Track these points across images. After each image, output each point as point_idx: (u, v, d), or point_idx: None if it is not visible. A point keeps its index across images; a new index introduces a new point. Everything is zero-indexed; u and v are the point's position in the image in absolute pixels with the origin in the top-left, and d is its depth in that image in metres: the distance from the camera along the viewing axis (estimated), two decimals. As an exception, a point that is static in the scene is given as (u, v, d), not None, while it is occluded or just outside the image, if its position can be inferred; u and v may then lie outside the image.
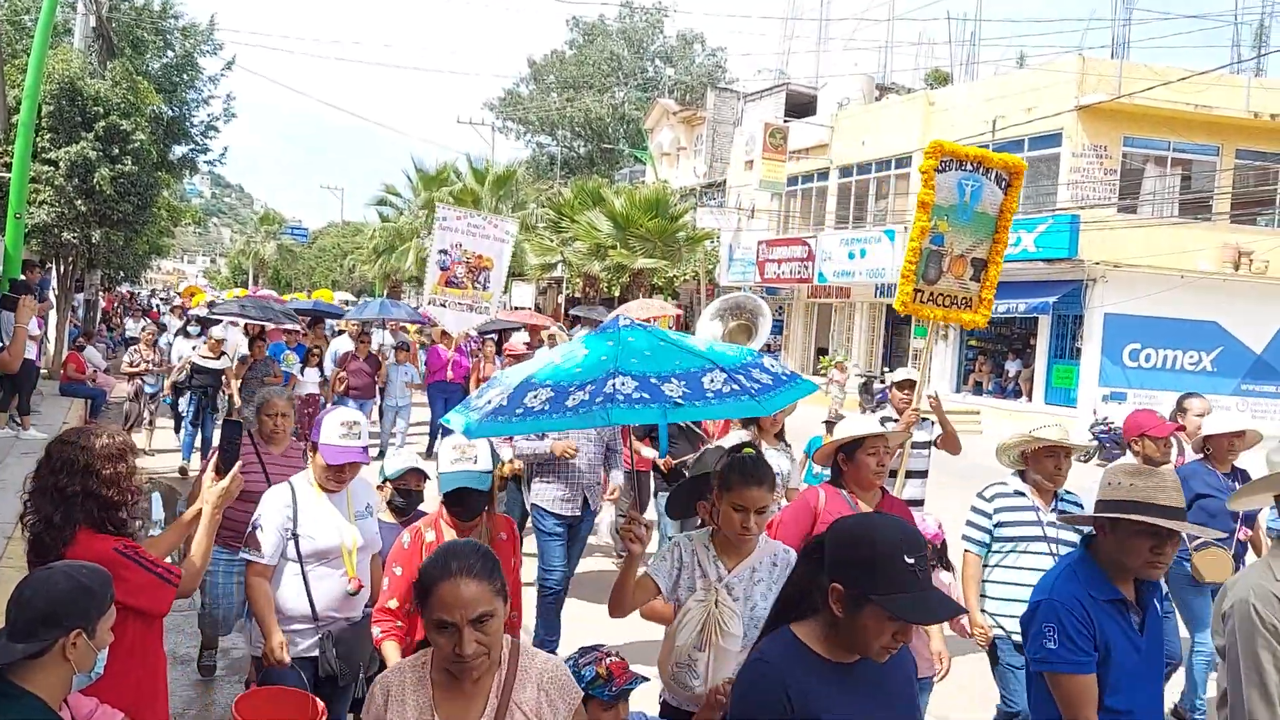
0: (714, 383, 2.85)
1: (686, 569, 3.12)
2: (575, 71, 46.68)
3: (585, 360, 2.94)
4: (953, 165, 5.89)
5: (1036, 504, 4.24)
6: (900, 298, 5.94)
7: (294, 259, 60.03)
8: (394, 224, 38.17)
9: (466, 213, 13.50)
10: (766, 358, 3.16)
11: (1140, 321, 18.09)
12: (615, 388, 2.74)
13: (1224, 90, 18.12)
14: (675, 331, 3.94)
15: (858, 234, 23.08)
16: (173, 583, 2.85)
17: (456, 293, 12.31)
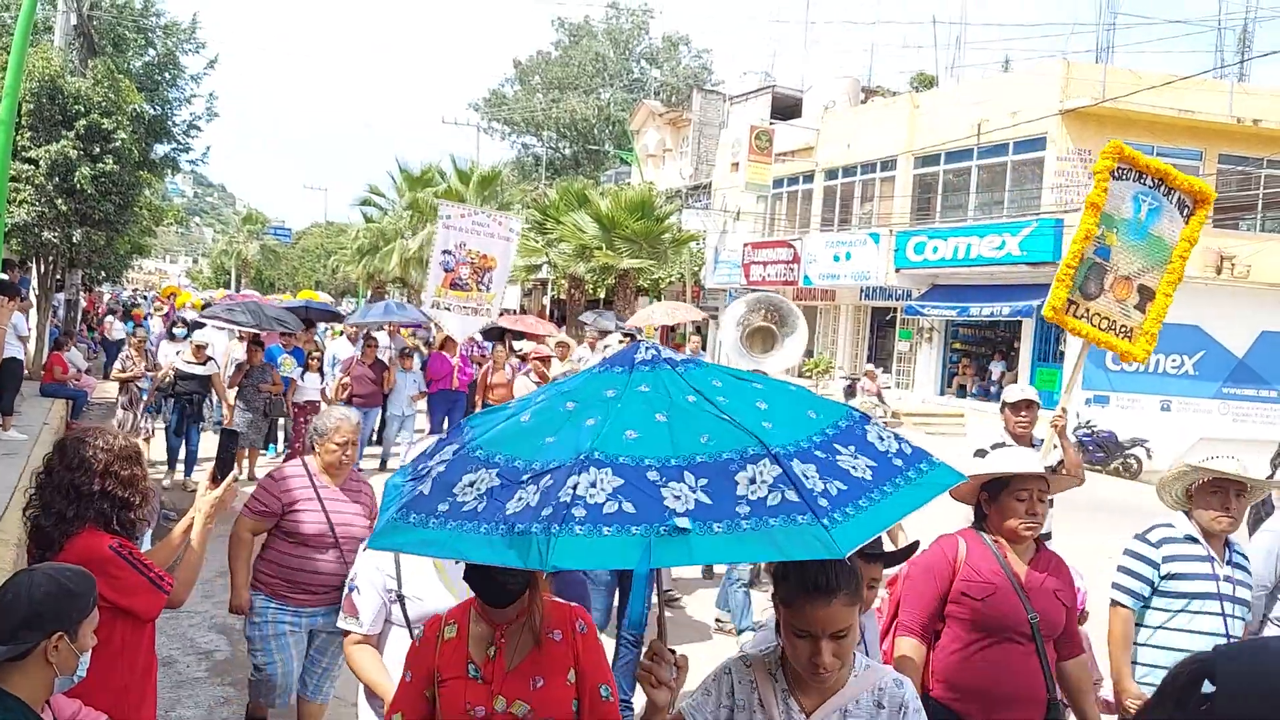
0: (757, 483, 1.72)
1: (742, 712, 2.09)
2: (561, 72, 46.66)
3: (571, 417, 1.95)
4: (1131, 174, 5.29)
5: (1211, 553, 3.48)
6: (1051, 303, 5.35)
7: (277, 259, 59.84)
8: (378, 224, 38.00)
9: (470, 210, 12.72)
10: (874, 427, 2.03)
11: (1123, 325, 18.18)
12: (576, 491, 1.71)
13: (1207, 95, 18.24)
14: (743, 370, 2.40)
15: (843, 236, 23.12)
16: (164, 589, 2.86)
17: (461, 295, 11.64)
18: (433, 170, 34.92)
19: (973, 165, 20.48)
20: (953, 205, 21.10)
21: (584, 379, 2.17)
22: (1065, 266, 5.28)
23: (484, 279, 11.69)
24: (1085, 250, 5.27)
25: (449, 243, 11.60)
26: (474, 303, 11.74)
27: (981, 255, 19.11)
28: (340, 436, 4.01)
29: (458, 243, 11.62)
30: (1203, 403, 18.52)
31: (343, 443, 4.01)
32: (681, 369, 2.02)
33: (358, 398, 11.17)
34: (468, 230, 11.65)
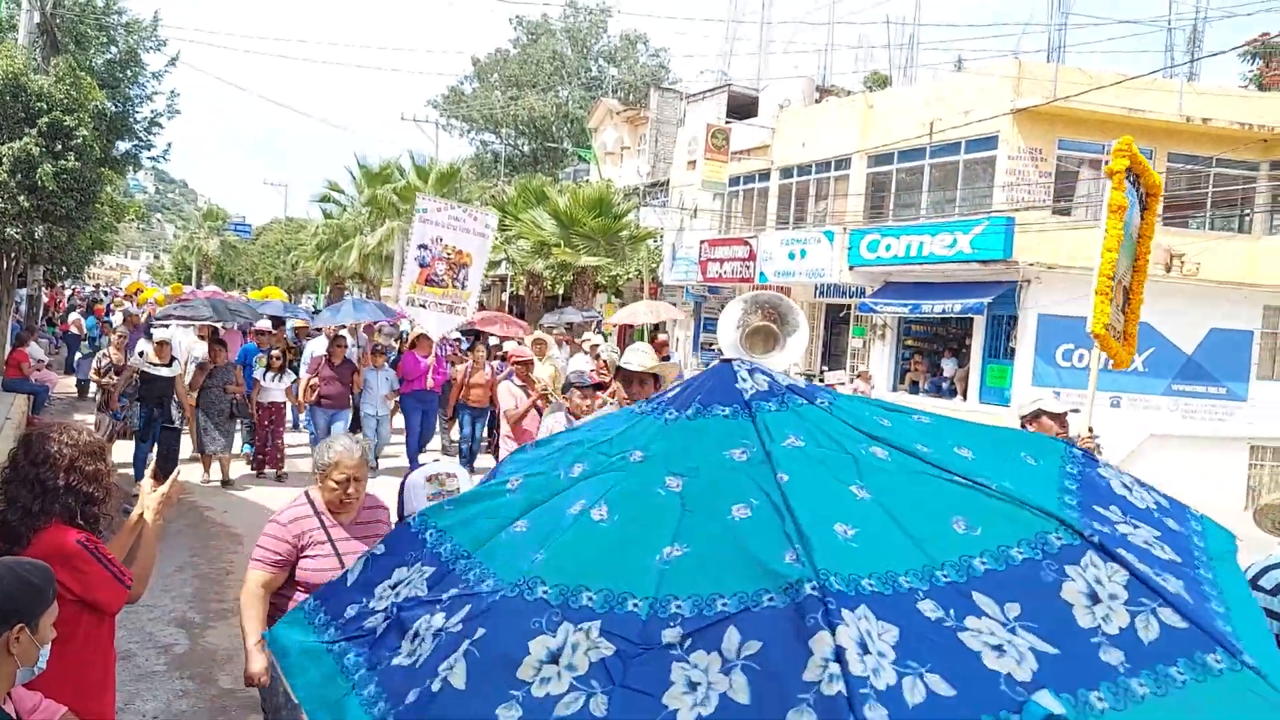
0: (1103, 602, 1.06)
1: None
2: (519, 70, 46.42)
3: (695, 508, 1.17)
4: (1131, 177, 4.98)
5: None
6: (1097, 319, 4.92)
7: (237, 255, 59.53)
8: (337, 221, 37.68)
9: (447, 204, 12.28)
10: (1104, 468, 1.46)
11: (1073, 322, 18.18)
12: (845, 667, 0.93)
13: (1157, 95, 18.31)
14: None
15: (798, 234, 23.06)
16: (126, 584, 2.92)
17: (436, 292, 11.24)
18: (392, 167, 34.63)
19: (925, 164, 20.49)
20: (905, 204, 21.10)
21: (658, 430, 1.38)
22: (1102, 278, 4.88)
23: (460, 275, 11.31)
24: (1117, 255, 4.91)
25: (425, 237, 11.15)
26: (450, 300, 11.36)
27: (934, 253, 19.10)
28: (339, 474, 3.55)
29: (434, 237, 11.18)
30: (1153, 399, 18.63)
31: (342, 480, 3.55)
32: (825, 400, 1.35)
33: (325, 399, 10.75)
34: (444, 225, 11.23)
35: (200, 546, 7.85)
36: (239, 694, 5.09)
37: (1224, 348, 18.83)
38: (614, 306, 29.09)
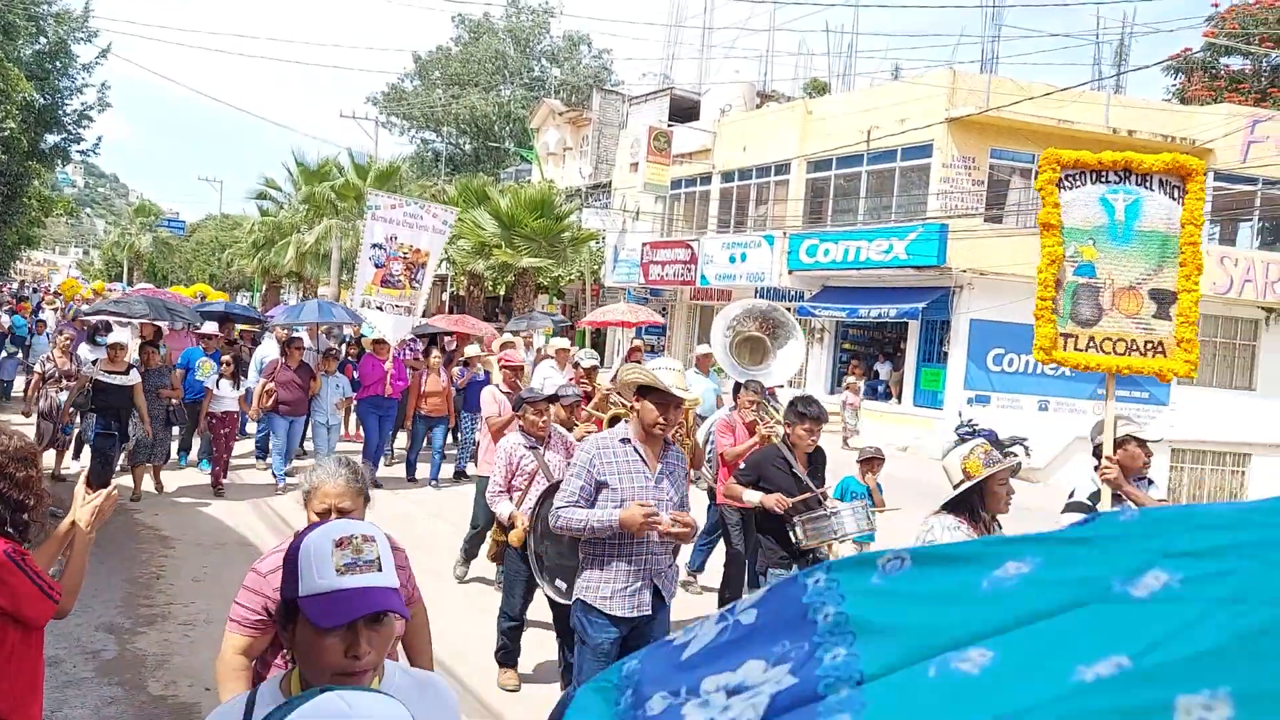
0: None
1: None
2: (461, 69, 46.11)
3: None
4: (1086, 178, 4.73)
5: None
6: (1039, 344, 4.69)
7: (170, 252, 58.21)
8: (274, 218, 37.05)
9: (401, 200, 11.62)
10: None
11: (1003, 327, 18.70)
12: None
13: (1085, 106, 18.88)
14: None
15: (739, 238, 23.30)
16: (53, 598, 2.82)
17: (393, 293, 10.79)
18: (330, 164, 34.17)
19: (863, 171, 20.84)
20: (843, 209, 21.44)
21: None
22: (1040, 300, 4.68)
23: (417, 275, 10.87)
24: (1058, 275, 4.66)
25: (379, 235, 10.68)
26: (408, 300, 10.98)
27: (870, 258, 19.45)
28: (318, 503, 2.78)
29: (388, 235, 10.70)
30: (1079, 403, 19.17)
31: (322, 511, 2.75)
32: None
33: (283, 405, 10.22)
34: (399, 222, 10.71)
35: (129, 550, 7.69)
36: (169, 700, 5.02)
37: (1146, 353, 19.47)
38: (555, 308, 29.04)
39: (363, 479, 2.88)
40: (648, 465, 4.01)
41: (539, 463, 5.60)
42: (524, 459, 5.64)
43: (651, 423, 3.97)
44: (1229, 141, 19.09)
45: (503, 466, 5.61)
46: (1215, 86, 24.61)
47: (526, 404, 5.76)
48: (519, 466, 5.62)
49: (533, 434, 5.72)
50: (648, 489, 3.97)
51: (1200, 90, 24.56)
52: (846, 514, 5.16)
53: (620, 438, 4.05)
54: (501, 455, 5.66)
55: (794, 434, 5.37)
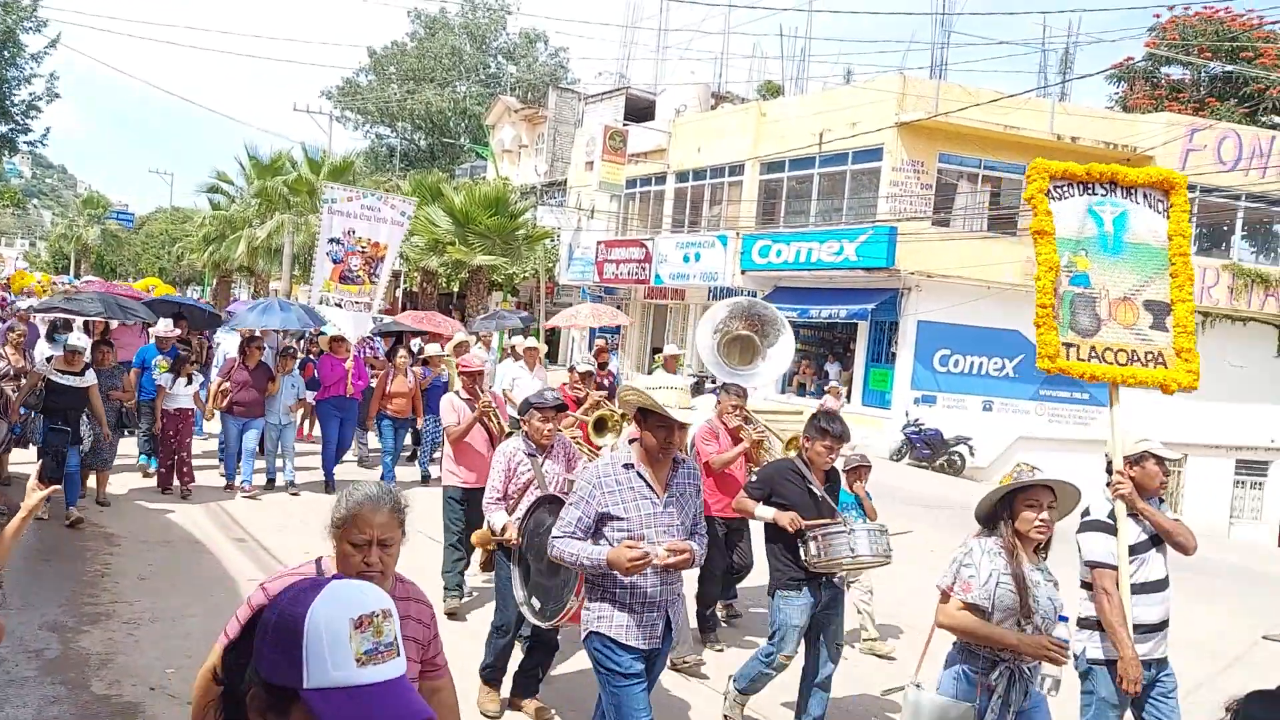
0: None
1: None
2: (416, 64, 45.81)
3: None
4: (1073, 189, 4.75)
5: None
6: (1043, 351, 4.62)
7: (119, 245, 57.11)
8: (225, 212, 36.52)
9: (358, 192, 11.25)
10: None
11: (950, 329, 19.09)
12: None
13: (1030, 113, 19.32)
14: None
15: (693, 238, 23.49)
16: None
17: (352, 290, 10.42)
18: (283, 158, 33.77)
19: (815, 173, 21.12)
20: (796, 211, 21.72)
21: None
22: (1039, 308, 4.64)
23: (376, 269, 10.53)
24: (1055, 283, 4.63)
25: (336, 230, 10.32)
26: (367, 296, 10.61)
27: (821, 260, 19.72)
28: (360, 532, 2.47)
29: (345, 229, 10.34)
30: (1022, 403, 19.63)
31: (363, 543, 2.46)
32: None
33: (238, 406, 9.81)
34: (356, 215, 10.36)
35: (73, 548, 7.62)
36: (113, 700, 5.01)
37: (1087, 354, 19.98)
38: (509, 305, 29.03)
39: (404, 509, 2.61)
40: (654, 490, 3.81)
41: (535, 471, 5.27)
42: (522, 466, 5.30)
43: (656, 447, 3.77)
44: (1168, 149, 19.63)
45: (501, 473, 5.28)
46: (1156, 95, 25.30)
47: (534, 409, 5.34)
48: (515, 473, 5.29)
49: (536, 441, 5.34)
50: (655, 515, 3.78)
51: (1142, 99, 25.22)
52: (862, 535, 4.86)
53: (623, 463, 3.82)
54: (500, 461, 5.32)
55: (812, 450, 5.07)
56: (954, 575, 3.62)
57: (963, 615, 3.55)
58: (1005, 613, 3.53)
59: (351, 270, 10.48)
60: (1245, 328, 21.03)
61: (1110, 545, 4.24)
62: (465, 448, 6.85)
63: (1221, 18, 24.73)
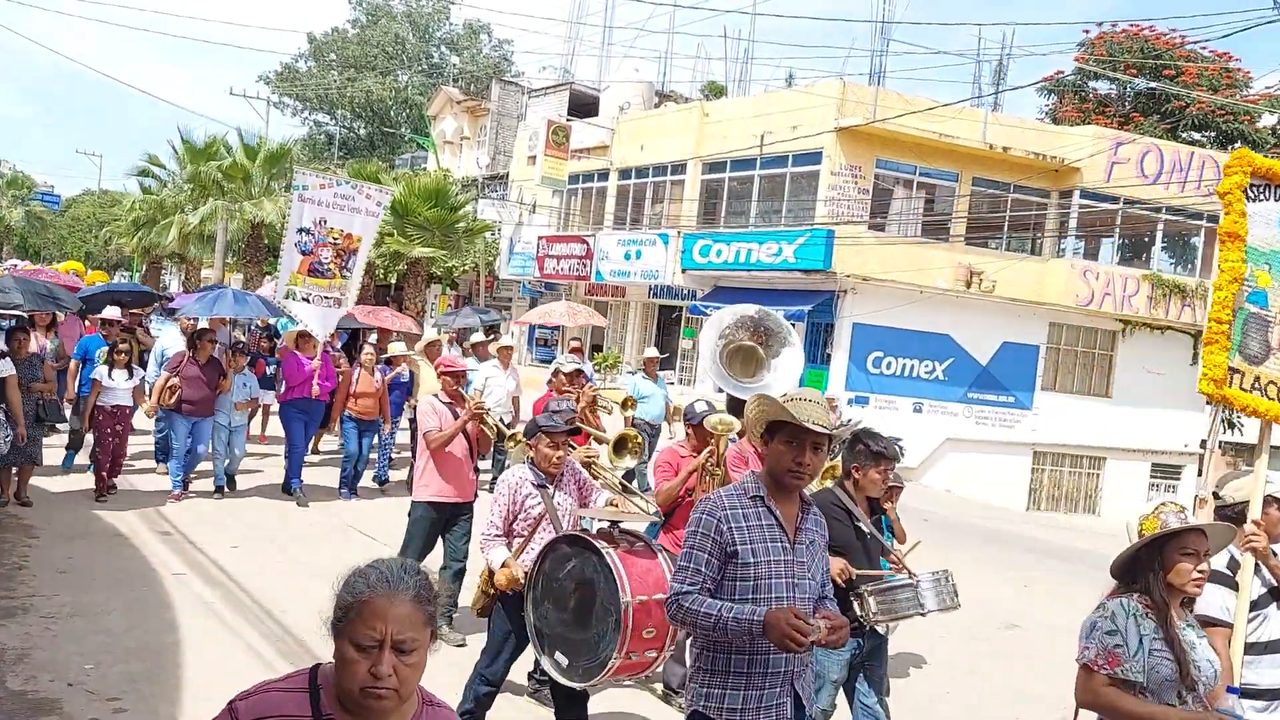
0: None
1: None
2: (357, 51, 45.23)
3: None
4: (1271, 191, 4.10)
5: None
6: (1208, 374, 4.01)
7: (44, 227, 55.29)
8: (156, 196, 35.55)
9: (331, 179, 10.57)
10: None
11: (883, 332, 19.47)
12: None
13: (964, 122, 19.77)
14: None
15: (634, 235, 23.59)
16: None
17: (322, 284, 9.73)
18: (218, 143, 32.95)
19: (755, 174, 21.35)
20: (736, 211, 21.94)
21: None
22: (1214, 323, 3.99)
23: (348, 263, 9.89)
24: (1235, 297, 4.02)
25: (306, 219, 9.62)
26: (338, 292, 9.87)
27: (760, 260, 19.96)
28: (368, 629, 1.80)
29: (316, 219, 9.64)
30: (951, 405, 20.11)
31: (372, 646, 1.80)
32: None
33: (187, 405, 9.12)
34: (329, 204, 9.71)
35: (-12, 541, 7.45)
36: (28, 695, 4.91)
37: (1014, 360, 20.58)
38: (448, 299, 28.84)
39: (434, 598, 1.91)
40: (785, 532, 2.99)
41: (546, 505, 4.66)
42: (529, 499, 4.67)
43: (784, 469, 2.96)
44: (1095, 161, 20.28)
45: (503, 505, 4.67)
46: (1084, 109, 26.08)
47: (543, 432, 4.70)
48: (523, 507, 4.66)
49: (544, 470, 4.71)
50: (786, 564, 2.98)
51: (1070, 112, 25.98)
52: (928, 586, 4.21)
53: (750, 493, 3.01)
54: (504, 492, 4.69)
55: (865, 479, 4.34)
56: (1097, 646, 2.98)
57: (1111, 693, 2.96)
58: (1162, 685, 2.95)
59: (322, 263, 9.78)
60: (1163, 336, 21.83)
61: (1228, 600, 3.71)
62: (444, 457, 6.24)
63: (1146, 36, 25.60)
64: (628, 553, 4.15)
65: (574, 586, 4.19)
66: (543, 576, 4.26)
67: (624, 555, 4.10)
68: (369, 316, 13.93)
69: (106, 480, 9.07)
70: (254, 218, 28.01)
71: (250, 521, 8.92)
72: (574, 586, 4.19)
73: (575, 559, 4.19)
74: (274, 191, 29.60)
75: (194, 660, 5.54)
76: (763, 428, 3.07)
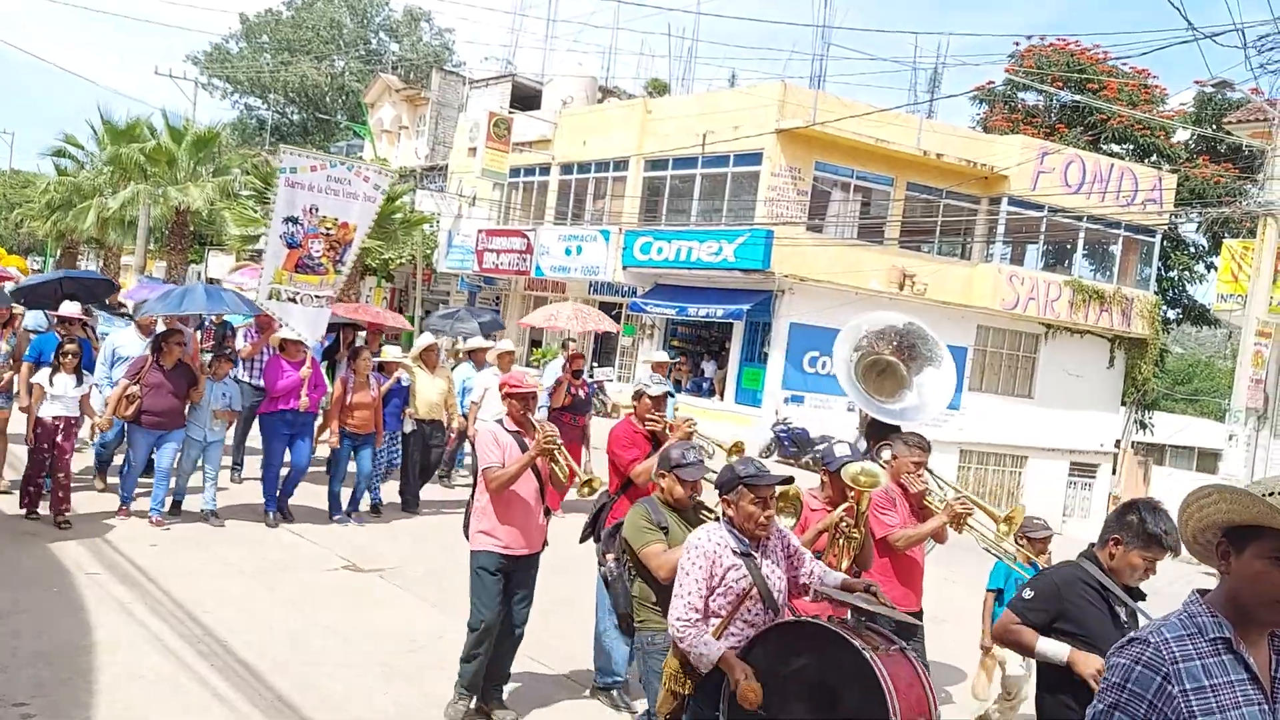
0: None
1: None
2: (292, 34, 44.27)
3: None
4: None
5: None
6: None
7: (-51, 208, 52.65)
8: (73, 178, 34.27)
9: (323, 159, 9.18)
10: None
11: (819, 331, 19.86)
12: None
13: (900, 128, 20.26)
14: None
15: (575, 230, 23.63)
16: None
17: (312, 281, 8.61)
18: (141, 124, 31.87)
19: (697, 173, 21.57)
20: (677, 209, 22.13)
21: None
22: None
23: (342, 255, 8.72)
24: None
25: (294, 207, 8.46)
26: (330, 289, 8.78)
27: (701, 259, 20.19)
28: None
29: (307, 206, 8.50)
30: (883, 405, 20.60)
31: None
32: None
33: (150, 416, 7.95)
34: (320, 189, 8.55)
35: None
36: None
37: (944, 360, 21.17)
38: (383, 291, 28.46)
39: None
40: (1262, 689, 2.09)
41: (754, 579, 3.64)
42: (732, 571, 3.64)
43: (1272, 601, 2.03)
44: (1022, 170, 21.00)
45: (699, 578, 3.62)
46: (1013, 119, 26.94)
47: (746, 486, 3.67)
48: (723, 580, 3.63)
49: (748, 533, 3.71)
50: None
51: (1000, 121, 26.81)
52: None
53: (1208, 634, 2.09)
54: (697, 560, 3.64)
55: (1121, 559, 3.48)
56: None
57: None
58: None
59: (312, 257, 8.57)
60: (1082, 340, 22.73)
61: None
62: (510, 499, 5.03)
63: (1073, 50, 26.54)
64: (885, 656, 3.31)
65: (804, 691, 3.33)
66: (769, 678, 3.37)
67: (884, 660, 3.26)
68: (355, 313, 12.40)
69: (36, 497, 7.84)
70: (179, 204, 27.22)
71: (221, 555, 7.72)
72: (804, 691, 3.33)
73: (808, 656, 3.33)
74: (200, 177, 28.81)
75: (108, 663, 5.26)
76: (1218, 533, 2.14)
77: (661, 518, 4.07)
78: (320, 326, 8.96)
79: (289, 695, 5.16)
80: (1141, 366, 23.58)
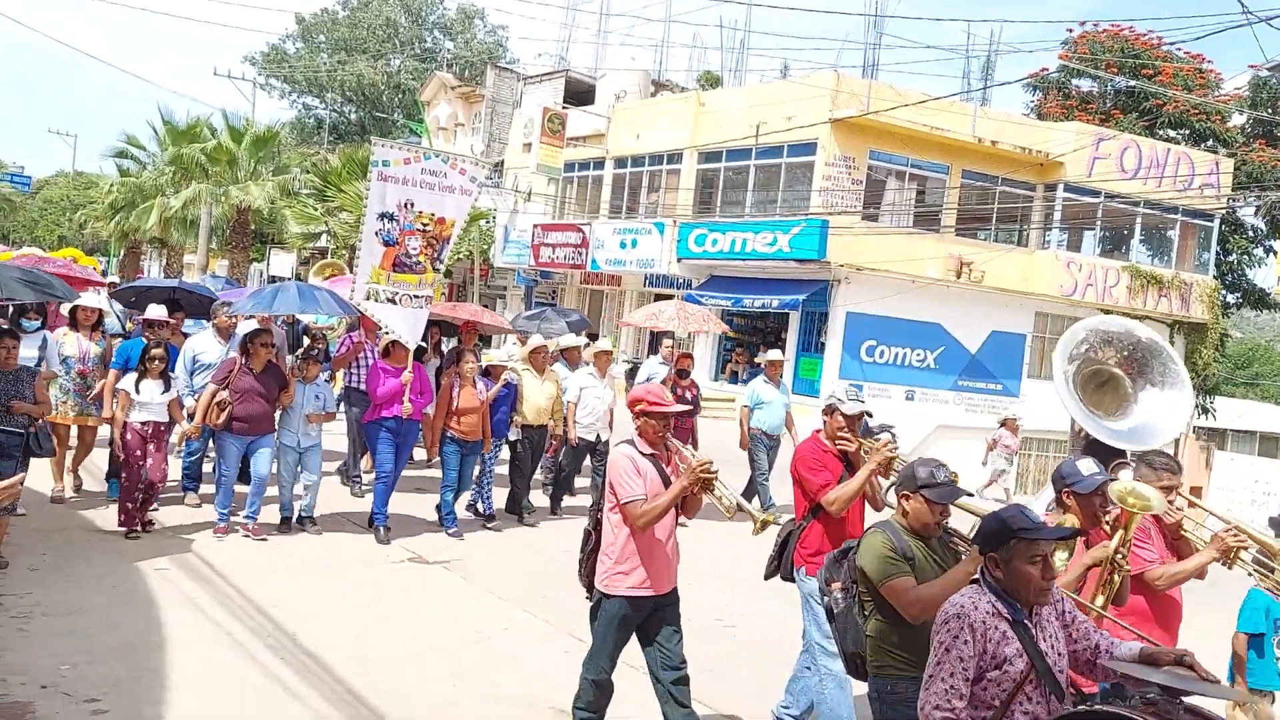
0: None
1: None
2: (348, 33, 44.97)
3: None
4: None
5: None
6: None
7: (13, 210, 54.29)
8: (135, 179, 35.18)
9: (417, 151, 8.66)
10: None
11: (876, 320, 19.99)
12: None
13: (955, 116, 20.26)
14: None
15: (630, 224, 23.90)
16: None
17: (411, 280, 8.17)
18: (201, 124, 32.67)
19: (751, 164, 21.73)
20: (731, 201, 22.31)
21: None
22: None
23: (440, 253, 8.31)
24: None
25: (389, 202, 8.03)
26: (428, 289, 8.34)
27: (756, 250, 20.36)
28: None
29: (402, 201, 8.06)
30: (942, 393, 20.69)
31: None
32: None
33: (239, 422, 7.57)
34: (415, 183, 8.09)
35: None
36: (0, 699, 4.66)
37: (1002, 348, 21.20)
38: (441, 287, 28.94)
39: None
40: None
41: (1032, 657, 2.85)
42: (1006, 645, 2.85)
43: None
44: (1077, 156, 20.91)
45: (966, 655, 2.83)
46: (1067, 105, 26.73)
47: (1024, 540, 2.87)
48: (995, 656, 2.84)
49: (1023, 599, 2.91)
50: None
51: (1054, 108, 26.61)
52: None
53: None
54: (964, 630, 2.83)
55: None
56: None
57: None
58: None
59: (409, 255, 8.09)
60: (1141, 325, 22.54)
61: None
62: (651, 533, 4.29)
63: (1126, 36, 26.27)
64: None
65: None
66: None
67: None
68: (454, 312, 11.61)
69: (138, 514, 7.45)
70: (240, 202, 27.92)
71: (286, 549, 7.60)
72: None
73: None
74: (261, 176, 29.50)
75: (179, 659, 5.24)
76: None
77: (906, 547, 3.51)
78: (419, 328, 8.48)
79: (360, 690, 5.12)
80: (1202, 351, 23.36)
